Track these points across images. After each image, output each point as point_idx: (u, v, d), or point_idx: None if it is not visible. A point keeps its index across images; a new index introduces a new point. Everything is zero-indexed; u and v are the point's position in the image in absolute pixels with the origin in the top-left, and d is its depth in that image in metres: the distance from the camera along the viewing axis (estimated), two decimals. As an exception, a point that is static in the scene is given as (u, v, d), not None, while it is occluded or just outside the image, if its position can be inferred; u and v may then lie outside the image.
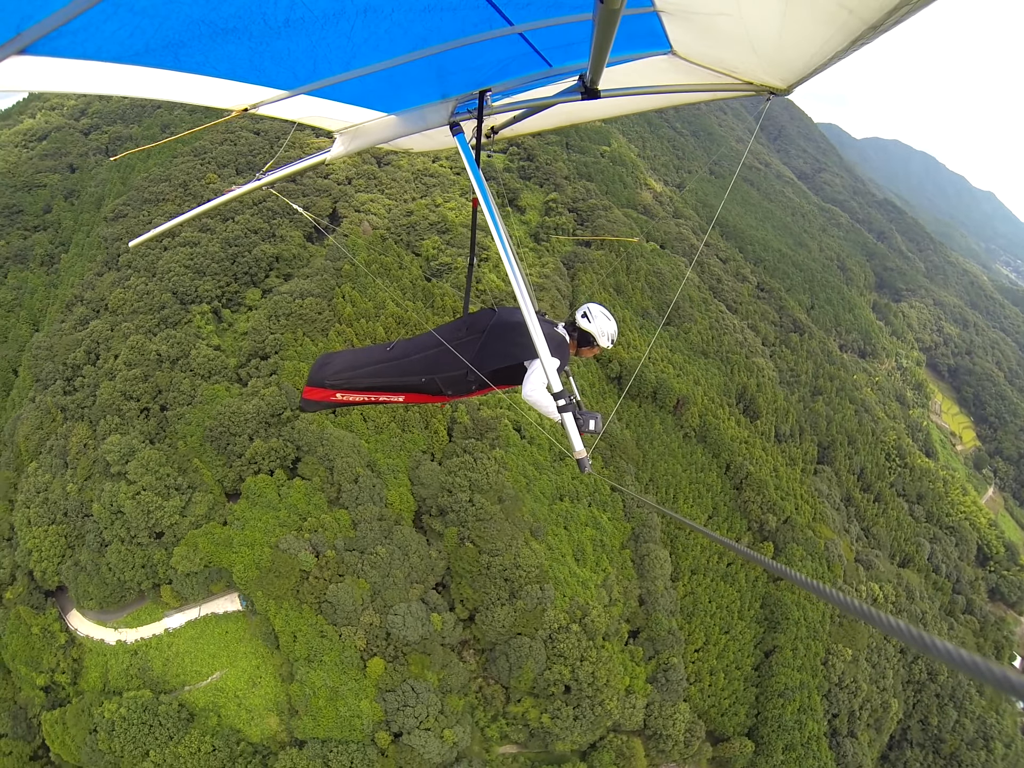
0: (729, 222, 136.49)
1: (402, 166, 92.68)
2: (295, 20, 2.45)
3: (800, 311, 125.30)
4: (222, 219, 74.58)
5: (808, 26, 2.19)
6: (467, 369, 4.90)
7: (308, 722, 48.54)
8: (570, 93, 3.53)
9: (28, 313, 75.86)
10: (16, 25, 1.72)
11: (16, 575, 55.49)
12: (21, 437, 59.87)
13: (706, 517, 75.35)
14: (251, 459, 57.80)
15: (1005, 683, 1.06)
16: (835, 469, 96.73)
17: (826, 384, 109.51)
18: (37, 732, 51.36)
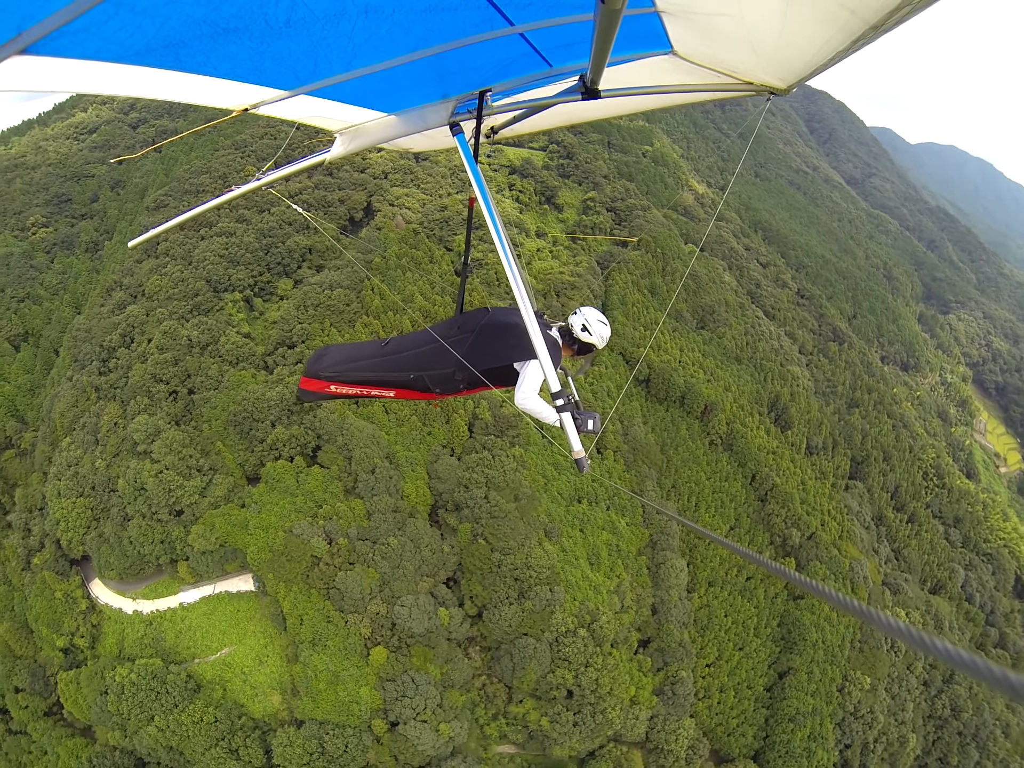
0: (772, 226, 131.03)
1: (439, 162, 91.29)
2: (296, 20, 2.38)
3: (841, 320, 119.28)
4: (258, 210, 74.78)
5: (809, 26, 2.15)
6: (455, 368, 4.82)
7: (308, 703, 48.66)
8: (570, 93, 3.46)
9: (71, 296, 77.21)
10: (17, 25, 1.69)
11: (45, 543, 56.90)
12: (57, 414, 61.19)
13: (727, 528, 72.27)
14: (272, 445, 57.64)
15: (1005, 683, 1.03)
16: (868, 486, 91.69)
17: (864, 396, 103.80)
18: (53, 690, 52.76)
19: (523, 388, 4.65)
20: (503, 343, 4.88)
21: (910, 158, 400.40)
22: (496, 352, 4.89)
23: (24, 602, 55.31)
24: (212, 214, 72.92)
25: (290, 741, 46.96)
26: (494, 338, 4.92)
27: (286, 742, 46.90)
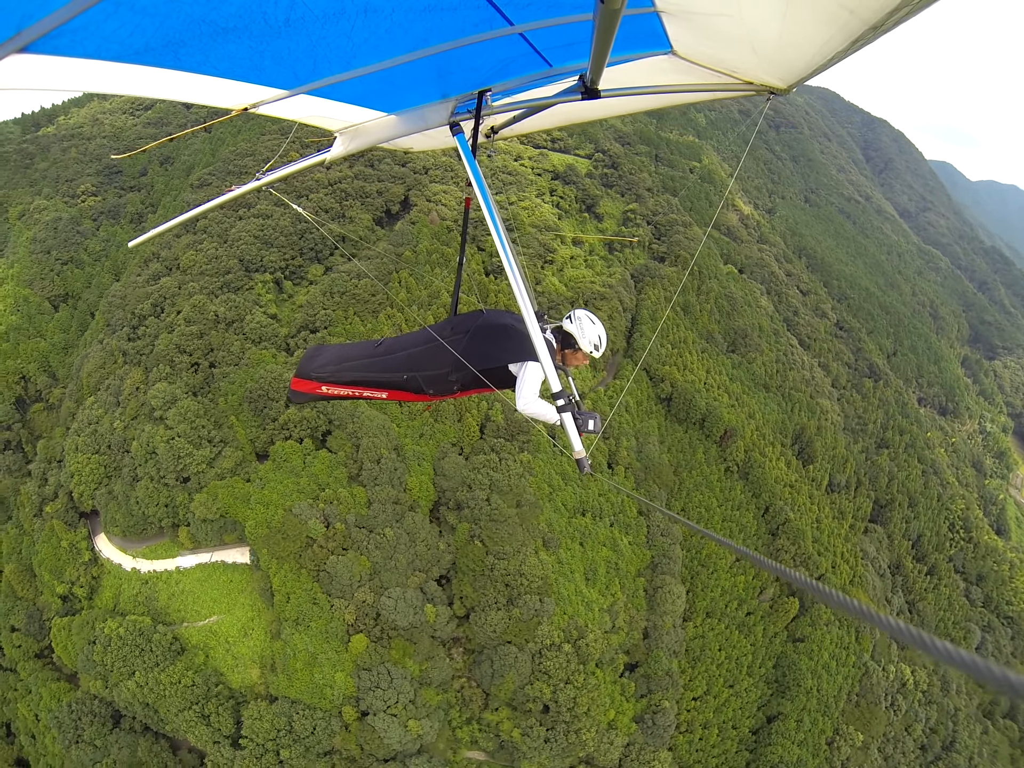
0: (817, 254, 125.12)
1: (482, 161, 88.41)
2: (295, 19, 2.35)
3: (879, 356, 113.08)
4: (296, 195, 74.48)
5: (809, 26, 2.12)
6: (449, 369, 4.69)
7: (283, 680, 48.38)
8: (570, 93, 3.36)
9: (112, 264, 78.37)
10: (16, 24, 1.67)
11: (58, 493, 57.76)
12: (85, 373, 62.27)
13: (733, 559, 68.90)
14: (284, 424, 57.29)
15: (1005, 683, 1.02)
16: (888, 531, 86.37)
17: (895, 438, 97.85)
18: (46, 634, 53.56)
19: (524, 393, 4.50)
20: (497, 344, 4.71)
21: (968, 195, 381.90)
22: (490, 353, 4.70)
23: (31, 547, 56.19)
24: (251, 196, 72.95)
25: (260, 715, 46.77)
26: (488, 339, 4.73)
27: (256, 715, 46.74)
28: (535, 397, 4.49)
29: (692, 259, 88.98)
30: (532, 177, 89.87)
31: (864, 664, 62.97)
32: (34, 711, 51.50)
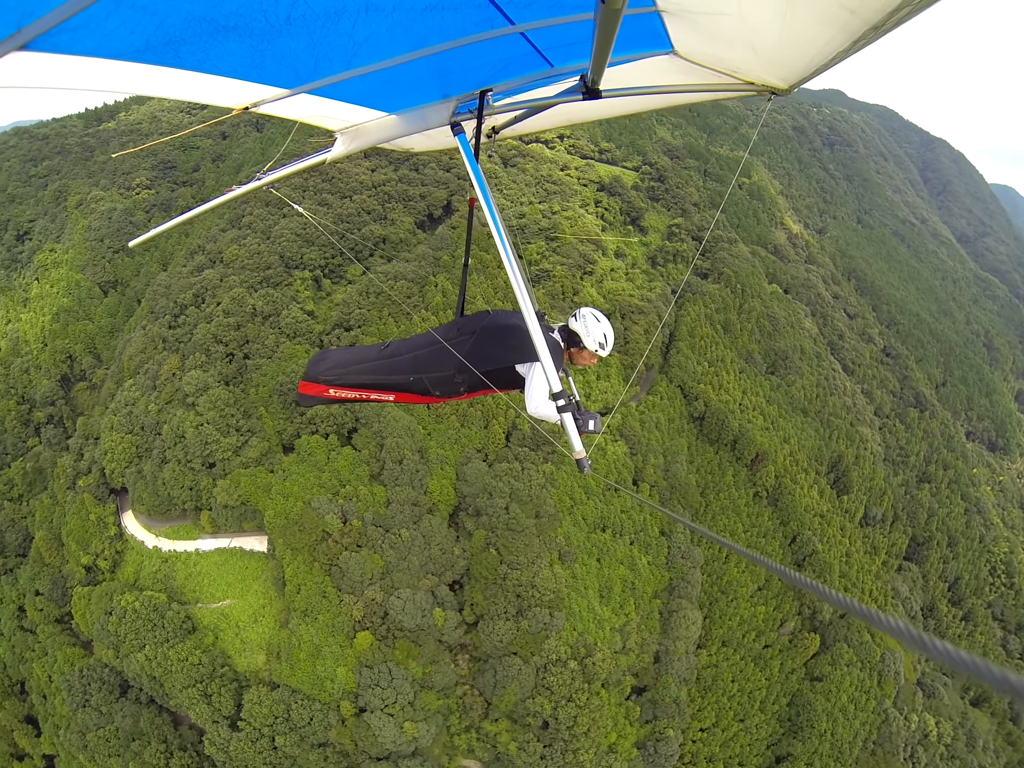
0: (867, 277, 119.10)
1: (527, 169, 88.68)
2: (296, 18, 2.31)
3: (927, 385, 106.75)
4: (340, 196, 74.66)
5: (809, 26, 2.09)
6: (455, 370, 4.57)
7: (286, 668, 48.47)
8: (571, 93, 3.33)
9: (161, 255, 79.99)
10: (17, 21, 1.64)
11: (92, 468, 59.24)
12: (127, 357, 63.71)
13: (755, 587, 65.98)
14: (311, 419, 57.35)
15: (1005, 684, 1.00)
16: (924, 571, 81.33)
17: (938, 472, 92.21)
18: (68, 601, 54.92)
19: (533, 396, 4.43)
20: (503, 345, 4.58)
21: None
22: (496, 354, 4.59)
23: (62, 518, 57.64)
24: (296, 194, 73.70)
25: (260, 700, 46.88)
26: (494, 340, 4.60)
27: (256, 700, 46.88)
28: (545, 399, 4.34)
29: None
30: (577, 187, 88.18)
31: (885, 711, 59.05)
32: (48, 672, 52.86)
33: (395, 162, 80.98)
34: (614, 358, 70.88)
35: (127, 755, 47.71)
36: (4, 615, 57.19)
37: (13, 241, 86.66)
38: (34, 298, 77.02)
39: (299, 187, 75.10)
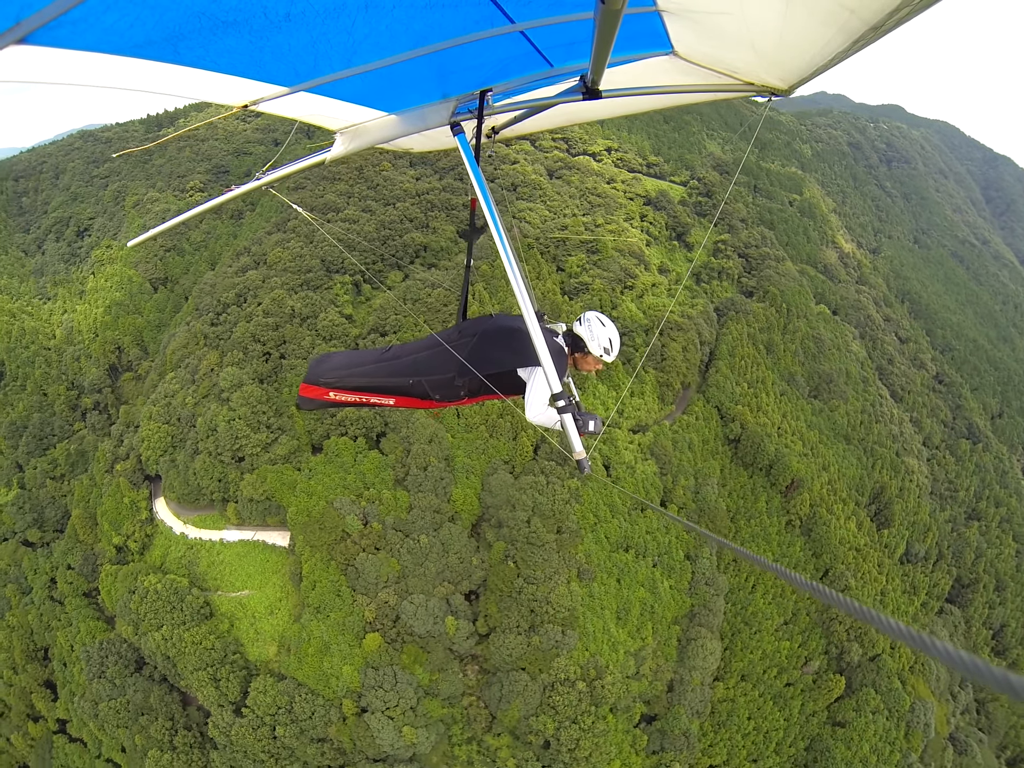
0: (922, 299, 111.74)
1: (572, 181, 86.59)
2: (296, 14, 2.28)
3: (982, 416, 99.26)
4: (384, 203, 74.42)
5: (809, 26, 2.08)
6: (454, 374, 4.47)
7: (293, 661, 48.54)
8: (571, 93, 3.29)
9: (210, 254, 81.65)
10: (16, 14, 1.60)
11: (130, 455, 60.70)
12: (170, 351, 65.18)
13: (780, 621, 62.56)
14: (340, 421, 57.31)
15: (1004, 684, 0.98)
16: (967, 615, 75.33)
17: (989, 510, 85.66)
18: (96, 577, 56.62)
19: (533, 402, 4.24)
20: (505, 348, 4.43)
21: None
22: (498, 358, 4.41)
23: (99, 499, 59.26)
24: (341, 200, 74.32)
25: (266, 689, 46.93)
26: (496, 343, 4.45)
27: (262, 689, 46.94)
28: (545, 406, 4.19)
29: (780, 295, 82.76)
30: (623, 201, 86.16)
31: (910, 765, 54.97)
32: (70, 642, 54.38)
33: (440, 171, 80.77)
34: (649, 375, 68.79)
35: (134, 728, 48.62)
36: (37, 584, 59.14)
37: (74, 236, 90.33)
38: (89, 291, 79.75)
39: (344, 193, 75.81)
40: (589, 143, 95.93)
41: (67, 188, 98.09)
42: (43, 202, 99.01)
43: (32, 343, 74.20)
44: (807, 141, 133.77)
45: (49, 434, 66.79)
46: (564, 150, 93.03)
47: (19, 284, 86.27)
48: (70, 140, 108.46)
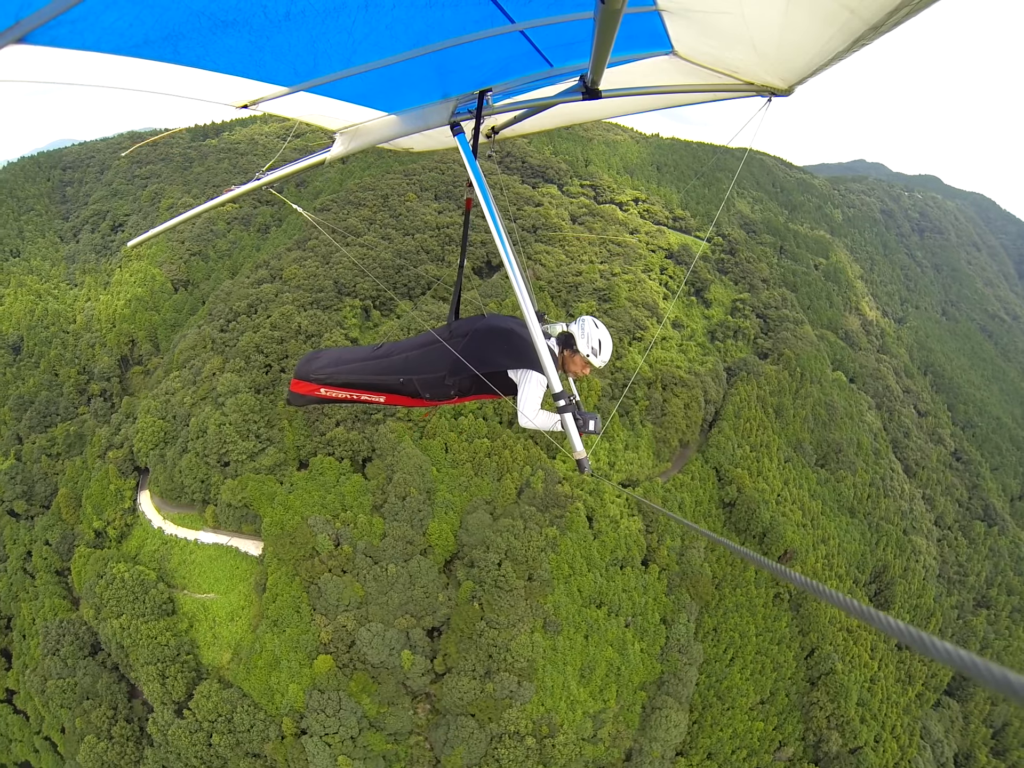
0: (946, 373, 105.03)
1: (595, 228, 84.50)
2: (296, 13, 2.22)
3: (1000, 497, 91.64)
4: (404, 232, 73.75)
5: (809, 26, 2.04)
6: (445, 373, 4.34)
7: (241, 671, 47.08)
8: (571, 93, 3.23)
9: (232, 263, 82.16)
10: (15, 13, 1.56)
11: (124, 444, 60.33)
12: (178, 350, 65.32)
13: (757, 700, 57.58)
14: (329, 440, 56.17)
15: (1004, 684, 0.94)
16: (965, 711, 67.89)
17: (1000, 597, 78.37)
18: (71, 557, 56.14)
19: (526, 406, 4.08)
20: (496, 349, 4.28)
21: None
22: (489, 358, 4.24)
23: (87, 482, 58.97)
24: (362, 225, 74.09)
25: (209, 694, 45.54)
26: (487, 344, 4.30)
27: (206, 693, 45.68)
28: (537, 409, 4.08)
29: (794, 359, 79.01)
30: (644, 252, 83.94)
31: None
32: (33, 615, 53.77)
33: (463, 207, 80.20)
34: (647, 429, 65.78)
35: (77, 710, 47.45)
36: (13, 554, 58.80)
37: (108, 230, 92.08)
38: (114, 283, 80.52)
39: (367, 219, 75.71)
40: (617, 192, 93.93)
41: (109, 184, 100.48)
42: (85, 194, 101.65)
43: (53, 324, 75.23)
44: (839, 206, 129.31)
45: (53, 413, 67.04)
46: (591, 196, 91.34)
47: (50, 267, 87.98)
48: (118, 140, 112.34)
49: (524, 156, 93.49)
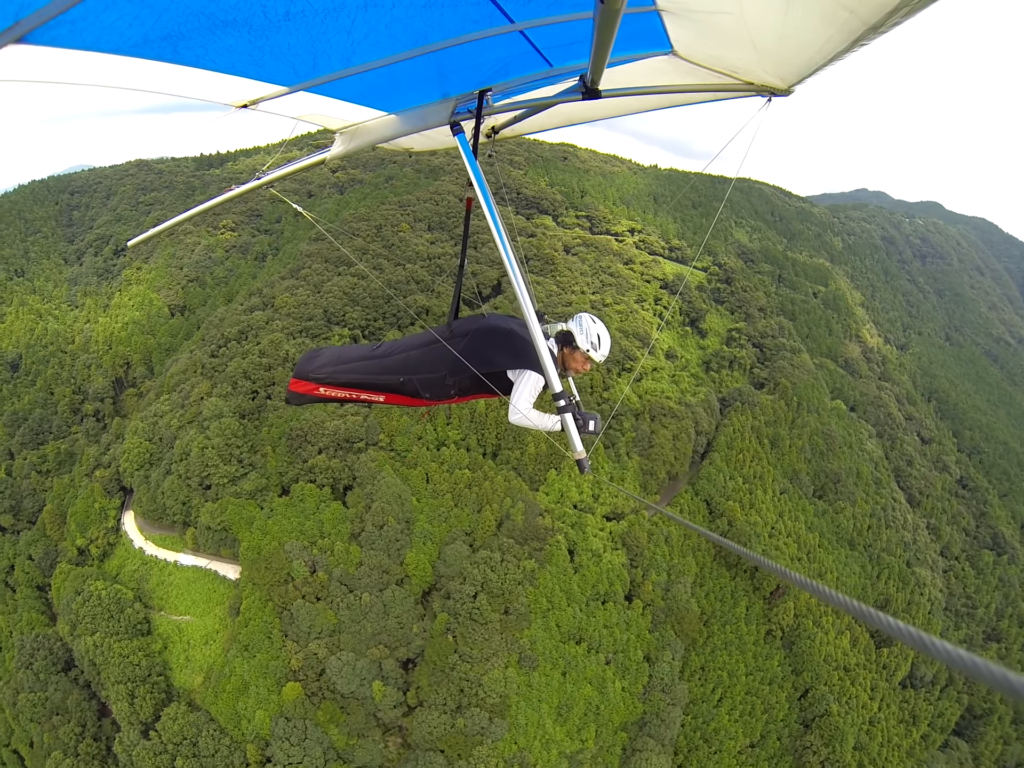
0: (950, 399, 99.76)
1: (588, 259, 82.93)
2: (295, 13, 2.18)
3: (1009, 525, 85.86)
4: (394, 263, 72.88)
5: (809, 26, 2.00)
6: (445, 373, 4.23)
7: (209, 695, 45.62)
8: (571, 93, 3.19)
9: (228, 291, 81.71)
10: (15, 12, 1.54)
11: (111, 464, 59.60)
12: (170, 374, 64.93)
13: (746, 743, 53.72)
14: (311, 468, 55.01)
15: (1004, 683, 0.93)
16: (975, 751, 62.29)
17: (1011, 630, 72.89)
18: (52, 572, 55.50)
19: (519, 403, 3.99)
20: (497, 349, 4.18)
21: None
22: (489, 358, 4.15)
23: (73, 500, 58.31)
24: (354, 255, 73.40)
25: (176, 717, 44.09)
26: (487, 344, 4.20)
27: (173, 716, 44.32)
28: (530, 407, 3.99)
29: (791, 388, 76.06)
30: (638, 282, 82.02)
31: None
32: (10, 628, 52.95)
33: (456, 237, 79.61)
34: (633, 461, 63.34)
35: (46, 725, 46.32)
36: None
37: (111, 254, 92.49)
38: (113, 306, 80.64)
39: (360, 249, 75.27)
40: (613, 223, 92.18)
41: (114, 209, 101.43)
42: (91, 218, 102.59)
43: (51, 344, 75.28)
44: (839, 234, 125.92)
45: (46, 430, 66.63)
46: (587, 228, 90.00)
47: (53, 288, 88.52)
48: (125, 167, 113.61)
49: (519, 187, 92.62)
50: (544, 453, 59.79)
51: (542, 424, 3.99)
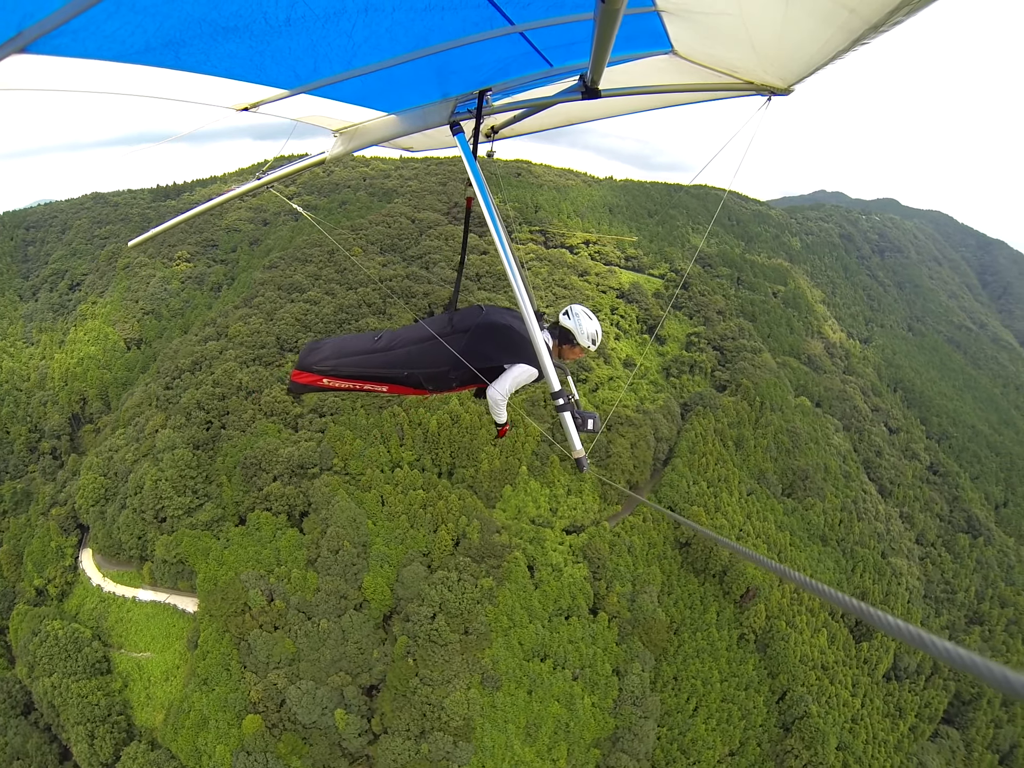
0: (916, 387, 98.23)
1: (540, 273, 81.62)
2: (296, 18, 2.16)
3: (983, 507, 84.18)
4: (347, 287, 71.67)
5: (809, 26, 1.97)
6: (449, 367, 4.19)
7: (169, 732, 43.55)
8: (571, 93, 3.12)
9: (184, 322, 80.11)
10: (18, 23, 1.54)
11: (67, 501, 57.81)
12: (125, 408, 63.45)
13: (725, 752, 51.33)
14: (267, 496, 53.32)
15: (1004, 683, 0.92)
16: (966, 738, 59.80)
17: (992, 611, 70.94)
18: (10, 614, 53.38)
19: (500, 387, 4.03)
20: (497, 345, 4.17)
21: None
22: (490, 353, 4.16)
23: (30, 540, 56.41)
24: (307, 281, 72.42)
25: (136, 756, 42.28)
26: (488, 340, 4.17)
27: (133, 755, 42.53)
28: (509, 391, 4.03)
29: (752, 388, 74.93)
30: (592, 293, 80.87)
31: None
32: None
33: (408, 259, 78.43)
34: (591, 472, 61.88)
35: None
36: None
37: (66, 289, 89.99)
38: (69, 341, 78.41)
39: (312, 275, 74.20)
40: (568, 236, 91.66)
41: (69, 243, 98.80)
42: (46, 253, 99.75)
43: (7, 382, 72.86)
44: (796, 234, 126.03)
45: (2, 470, 64.60)
46: (541, 243, 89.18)
47: (8, 325, 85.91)
48: (83, 200, 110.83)
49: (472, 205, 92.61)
50: (498, 469, 58.18)
51: (500, 416, 4.07)
